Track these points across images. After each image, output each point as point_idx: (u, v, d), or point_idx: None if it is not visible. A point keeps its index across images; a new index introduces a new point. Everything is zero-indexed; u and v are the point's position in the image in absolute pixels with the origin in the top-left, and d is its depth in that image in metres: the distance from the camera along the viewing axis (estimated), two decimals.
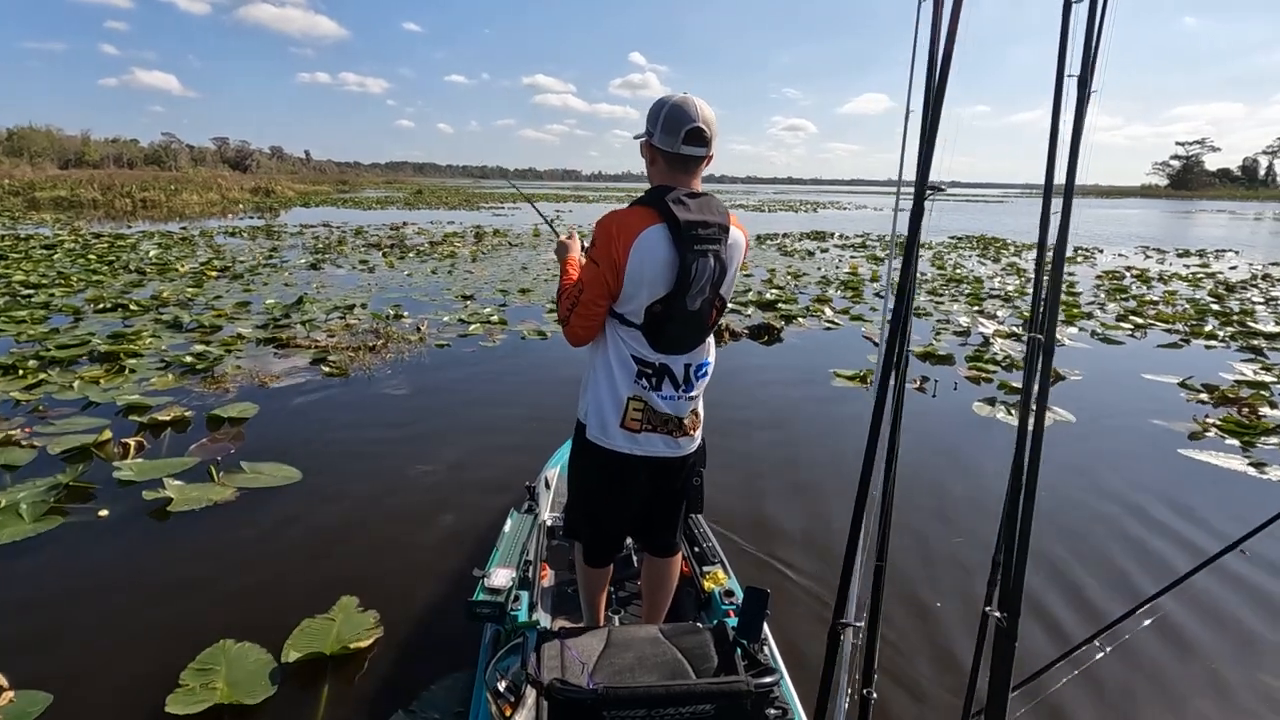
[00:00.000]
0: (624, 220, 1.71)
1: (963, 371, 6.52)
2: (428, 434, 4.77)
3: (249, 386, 5.58)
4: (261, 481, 3.86)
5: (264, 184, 47.84)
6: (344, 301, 9.20)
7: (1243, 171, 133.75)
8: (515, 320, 8.41)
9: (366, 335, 7.37)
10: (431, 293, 10.23)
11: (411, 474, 4.12)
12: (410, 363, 6.43)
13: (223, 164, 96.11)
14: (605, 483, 1.94)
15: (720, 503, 3.51)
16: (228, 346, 6.68)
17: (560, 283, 1.97)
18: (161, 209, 31.80)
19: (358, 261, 13.54)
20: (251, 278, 11.25)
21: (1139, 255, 18.81)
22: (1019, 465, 1.27)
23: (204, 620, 2.71)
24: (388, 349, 6.83)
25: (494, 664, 1.89)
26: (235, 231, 19.60)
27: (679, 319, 1.76)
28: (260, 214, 29.13)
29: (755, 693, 1.45)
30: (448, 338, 7.43)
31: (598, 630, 1.77)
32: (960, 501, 3.93)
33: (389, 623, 2.70)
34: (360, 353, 6.57)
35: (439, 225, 24.20)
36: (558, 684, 1.44)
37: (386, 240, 17.88)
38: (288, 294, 9.72)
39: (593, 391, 1.87)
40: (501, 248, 17.00)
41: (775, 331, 7.85)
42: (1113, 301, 10.80)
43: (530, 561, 2.33)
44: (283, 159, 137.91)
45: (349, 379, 5.91)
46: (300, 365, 6.22)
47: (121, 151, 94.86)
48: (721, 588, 2.34)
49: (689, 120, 1.71)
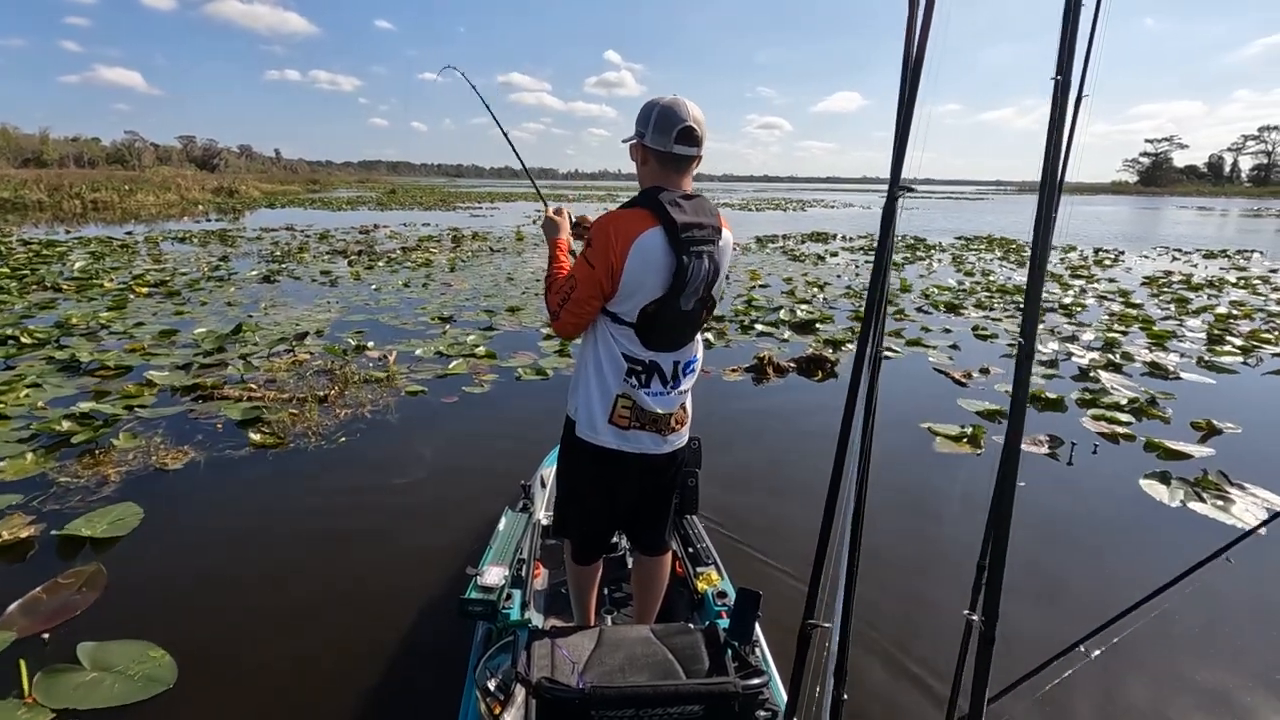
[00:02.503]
0: (622, 224, 1.70)
1: (1090, 423, 5.10)
2: (394, 564, 3.22)
3: (140, 471, 3.99)
4: (102, 697, 2.28)
5: (227, 184, 45.44)
6: (296, 327, 7.57)
7: (1209, 168, 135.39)
8: (506, 350, 6.85)
9: (318, 378, 5.78)
10: (403, 313, 8.63)
11: (362, 679, 2.57)
12: (372, 423, 4.86)
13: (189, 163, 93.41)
14: (593, 479, 1.93)
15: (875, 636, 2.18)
16: (129, 401, 5.06)
17: (550, 269, 1.94)
18: (114, 210, 29.70)
19: (319, 272, 11.85)
20: (190, 294, 9.57)
21: (1164, 258, 17.65)
22: (1004, 468, 1.22)
23: None
24: (343, 400, 5.25)
25: (484, 662, 1.89)
26: (185, 236, 17.73)
27: (672, 319, 1.76)
28: (223, 216, 27.19)
29: (744, 694, 1.44)
30: (422, 379, 5.86)
31: (589, 630, 1.74)
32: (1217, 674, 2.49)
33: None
34: (307, 407, 4.98)
35: (413, 228, 22.45)
36: (546, 683, 1.44)
37: (354, 246, 16.14)
38: (228, 317, 8.06)
39: (583, 388, 1.87)
40: (482, 254, 15.38)
41: (829, 365, 6.38)
42: (1186, 315, 9.49)
43: (523, 560, 2.31)
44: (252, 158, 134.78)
45: (286, 451, 4.33)
46: (222, 429, 4.63)
47: (82, 150, 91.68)
48: (715, 589, 2.33)
49: (680, 120, 1.72)
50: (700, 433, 2.17)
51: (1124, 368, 6.66)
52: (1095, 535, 3.59)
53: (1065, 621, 2.76)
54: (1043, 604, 2.96)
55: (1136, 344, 7.64)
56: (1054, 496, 3.99)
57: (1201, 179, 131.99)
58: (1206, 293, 11.49)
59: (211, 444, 4.38)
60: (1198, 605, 2.88)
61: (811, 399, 5.75)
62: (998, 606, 1.23)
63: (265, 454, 4.28)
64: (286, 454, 4.30)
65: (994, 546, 1.23)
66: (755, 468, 4.37)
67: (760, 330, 8.00)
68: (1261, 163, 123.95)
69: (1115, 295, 10.93)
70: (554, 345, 7.03)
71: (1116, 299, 10.65)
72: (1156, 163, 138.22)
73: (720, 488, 3.68)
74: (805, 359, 6.46)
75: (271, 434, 4.52)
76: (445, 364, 6.28)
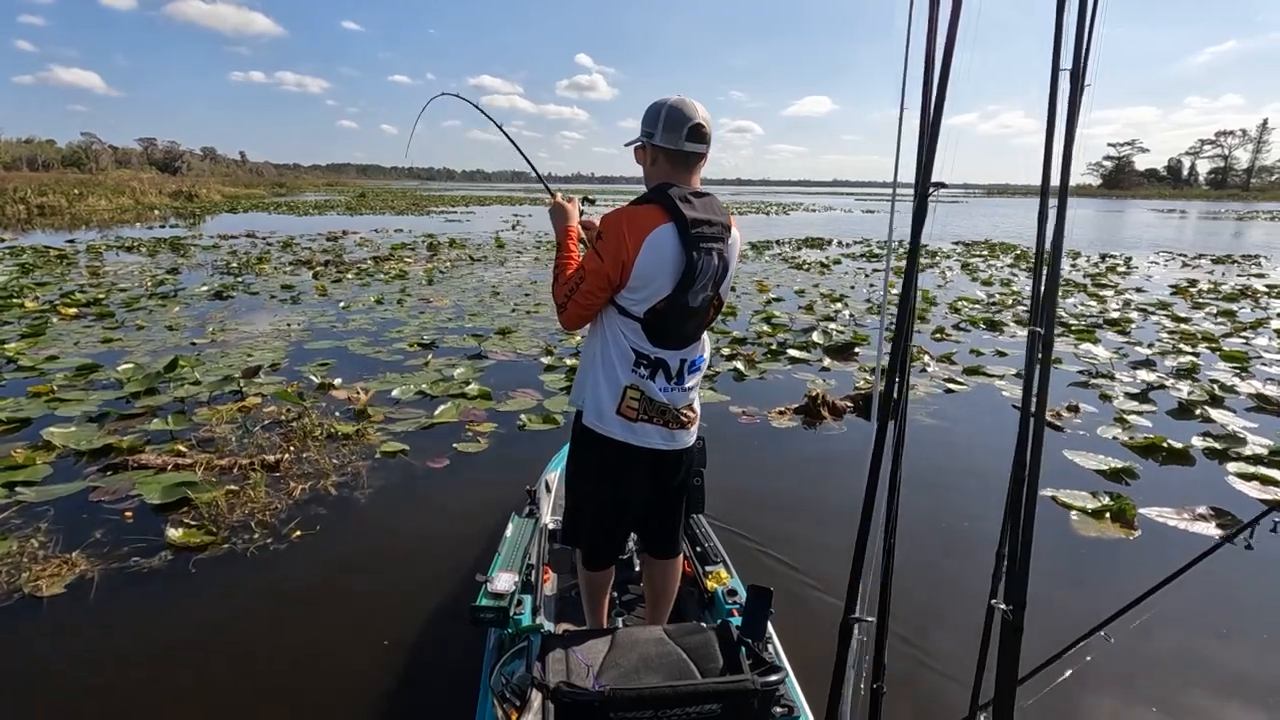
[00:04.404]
0: (635, 219, 1.71)
1: (1240, 483, 4.11)
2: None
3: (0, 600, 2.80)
4: None
5: (186, 187, 43.35)
6: (247, 359, 6.35)
7: (1168, 171, 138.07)
8: (502, 387, 5.70)
9: (270, 432, 4.60)
10: (376, 338, 7.42)
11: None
12: (336, 503, 3.69)
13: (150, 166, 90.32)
14: (602, 476, 1.90)
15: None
16: (11, 476, 3.83)
17: (558, 259, 1.91)
18: (62, 216, 27.92)
19: (279, 287, 10.56)
20: (126, 315, 8.27)
21: (1173, 263, 17.00)
22: (1021, 455, 1.27)
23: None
24: (299, 466, 4.07)
25: (498, 668, 1.88)
26: (134, 245, 16.22)
27: (680, 315, 1.76)
28: (181, 221, 25.55)
29: (761, 691, 1.45)
30: (402, 431, 4.70)
31: (602, 632, 1.74)
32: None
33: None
34: (254, 479, 3.80)
35: (385, 234, 21.07)
36: (564, 686, 1.43)
37: (320, 255, 14.81)
38: (166, 346, 6.80)
39: (590, 380, 1.86)
40: (462, 263, 14.15)
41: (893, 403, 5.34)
42: (1244, 330, 8.63)
43: (532, 565, 2.28)
44: (216, 161, 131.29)
45: (217, 555, 3.16)
46: (133, 520, 3.45)
47: (35, 152, 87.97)
48: (724, 587, 2.32)
49: (690, 118, 1.74)
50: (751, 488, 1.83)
51: (1225, 400, 5.73)
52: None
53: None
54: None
55: (1217, 369, 6.73)
56: (1248, 591, 3.01)
57: (1162, 182, 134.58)
58: (1247, 304, 10.71)
59: (114, 545, 3.19)
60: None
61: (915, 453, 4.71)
62: (1025, 594, 1.23)
63: (188, 562, 3.10)
64: (218, 561, 3.12)
65: (1019, 531, 1.25)
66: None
67: (793, 355, 6.94)
68: (1218, 166, 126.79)
69: (1154, 308, 10.09)
70: (558, 380, 5.90)
71: (1158, 311, 9.81)
72: (1119, 166, 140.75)
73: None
74: (861, 397, 5.42)
75: (200, 527, 3.34)
76: (430, 408, 5.11)
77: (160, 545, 3.21)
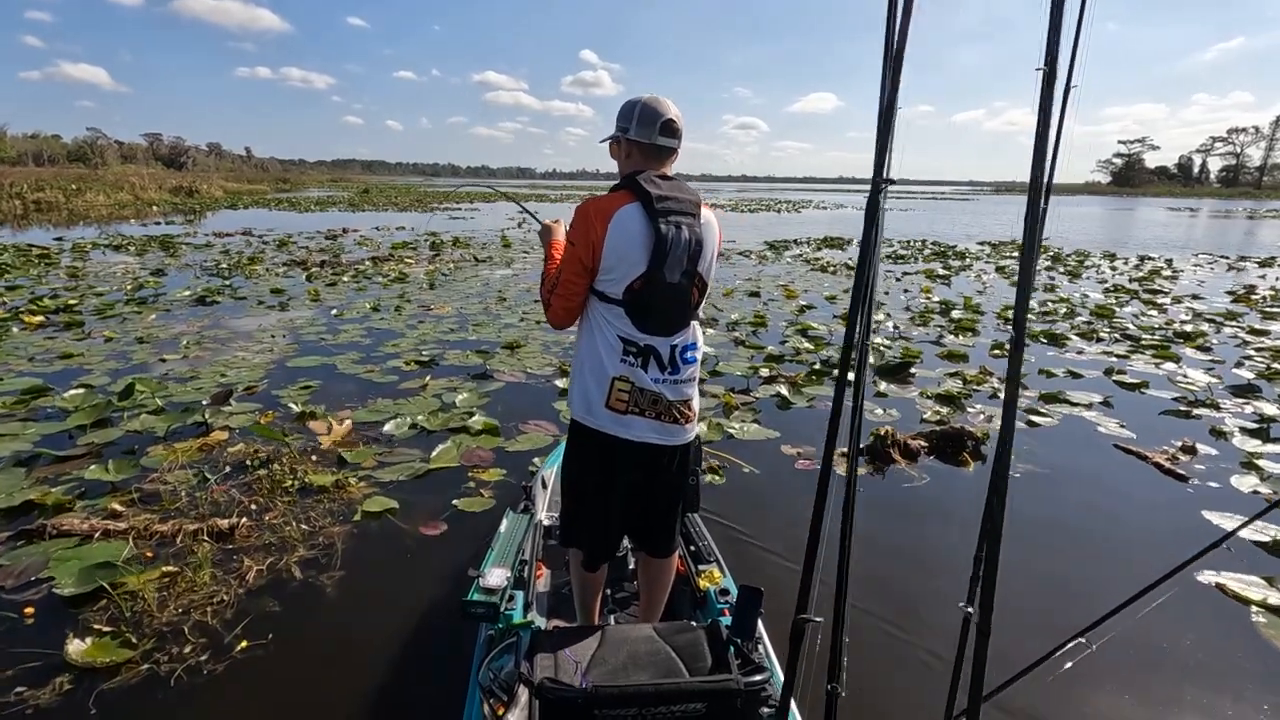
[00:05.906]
0: (601, 203, 1.75)
1: None
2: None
3: None
4: None
5: (187, 183, 42.65)
6: (220, 378, 5.55)
7: (1179, 169, 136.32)
8: (510, 416, 4.88)
9: (230, 480, 3.79)
10: (369, 353, 6.61)
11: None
12: (298, 594, 2.87)
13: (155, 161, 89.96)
14: (595, 472, 1.89)
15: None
16: None
17: (544, 269, 1.95)
18: (60, 212, 27.27)
19: (269, 291, 9.77)
20: (96, 324, 7.48)
21: (1218, 265, 16.05)
22: (999, 458, 1.20)
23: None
24: (256, 538, 3.26)
25: (487, 663, 1.85)
26: (124, 243, 15.46)
27: (660, 294, 1.75)
28: (181, 217, 24.85)
29: (746, 691, 1.44)
30: (391, 481, 3.89)
31: (592, 629, 1.71)
32: None
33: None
34: (199, 555, 2.99)
35: (386, 232, 20.27)
36: (548, 683, 1.41)
37: (316, 255, 14.01)
38: (130, 363, 6.01)
39: (578, 376, 1.87)
40: (465, 264, 13.34)
41: (973, 443, 4.50)
42: None
43: (525, 561, 2.25)
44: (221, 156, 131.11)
45: (129, 683, 2.34)
46: (34, 618, 2.64)
47: (41, 148, 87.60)
48: (717, 586, 2.31)
49: (662, 114, 1.80)
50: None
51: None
52: None
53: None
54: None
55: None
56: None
57: (1172, 179, 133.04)
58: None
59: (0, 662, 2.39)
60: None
61: (966, 498, 3.87)
62: (993, 599, 1.23)
63: (90, 694, 2.28)
64: (130, 694, 2.30)
65: (989, 540, 1.23)
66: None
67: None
68: (1230, 164, 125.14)
69: (1223, 318, 9.21)
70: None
71: (1229, 322, 8.92)
72: (1129, 163, 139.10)
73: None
74: (938, 435, 4.57)
75: (114, 635, 2.53)
76: (426, 449, 4.29)
77: (58, 662, 2.40)
